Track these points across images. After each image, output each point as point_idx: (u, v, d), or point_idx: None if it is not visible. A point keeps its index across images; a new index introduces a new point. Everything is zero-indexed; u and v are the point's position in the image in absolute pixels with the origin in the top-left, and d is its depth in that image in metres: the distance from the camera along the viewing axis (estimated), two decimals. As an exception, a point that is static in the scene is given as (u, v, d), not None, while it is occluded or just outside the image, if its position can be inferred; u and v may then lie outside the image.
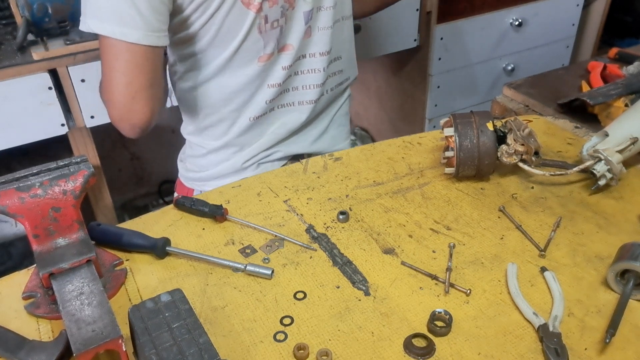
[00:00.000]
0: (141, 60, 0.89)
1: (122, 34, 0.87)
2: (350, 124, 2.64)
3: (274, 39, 1.01)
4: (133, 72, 0.90)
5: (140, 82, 0.91)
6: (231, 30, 0.97)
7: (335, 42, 1.10)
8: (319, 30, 1.06)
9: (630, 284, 0.70)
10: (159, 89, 0.96)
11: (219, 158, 1.12)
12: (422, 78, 1.99)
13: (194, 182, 1.17)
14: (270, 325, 0.69)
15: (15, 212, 0.69)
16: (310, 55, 1.08)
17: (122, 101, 0.92)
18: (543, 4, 2.04)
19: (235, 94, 1.05)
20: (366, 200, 0.92)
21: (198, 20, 0.95)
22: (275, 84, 1.06)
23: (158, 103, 0.96)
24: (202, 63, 1.02)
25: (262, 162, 1.13)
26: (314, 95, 1.11)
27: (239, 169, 1.12)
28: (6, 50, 1.39)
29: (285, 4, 0.99)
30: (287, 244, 0.83)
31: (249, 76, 1.03)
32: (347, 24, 1.13)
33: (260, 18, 0.97)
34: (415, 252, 0.80)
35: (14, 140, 1.41)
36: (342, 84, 1.19)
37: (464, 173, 0.93)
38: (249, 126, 1.09)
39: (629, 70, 1.24)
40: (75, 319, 0.63)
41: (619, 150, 0.89)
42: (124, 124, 0.95)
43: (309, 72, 1.09)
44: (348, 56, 1.17)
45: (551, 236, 0.82)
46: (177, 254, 0.81)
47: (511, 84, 1.30)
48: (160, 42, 0.91)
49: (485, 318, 0.70)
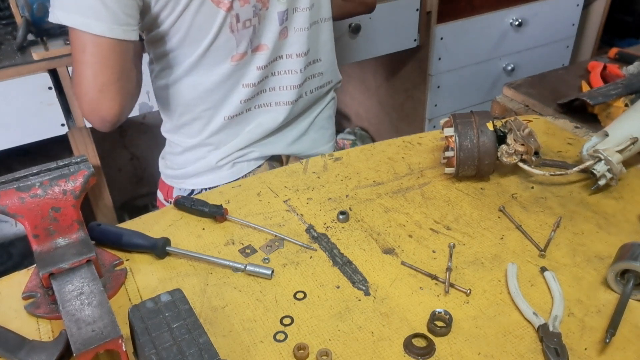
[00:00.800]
0: (107, 53, 0.89)
1: (87, 26, 0.86)
2: (349, 124, 2.64)
3: (246, 38, 1.00)
4: (99, 65, 0.89)
5: (107, 75, 0.90)
6: (202, 28, 0.96)
7: (313, 43, 1.10)
8: (295, 31, 1.06)
9: (630, 284, 0.70)
10: (129, 82, 0.95)
11: (195, 156, 1.12)
12: (422, 78, 1.99)
13: (173, 179, 1.17)
14: (270, 325, 0.69)
15: (15, 212, 0.69)
16: (287, 56, 1.07)
17: (90, 94, 0.92)
18: (543, 4, 2.04)
19: (208, 93, 1.04)
20: (366, 200, 0.92)
21: (168, 18, 0.95)
22: (250, 84, 1.05)
23: (128, 97, 0.95)
24: (175, 61, 1.02)
25: (237, 162, 1.13)
26: (291, 96, 1.11)
27: (214, 167, 1.11)
28: (6, 50, 1.39)
29: (258, 4, 0.98)
30: (287, 244, 0.83)
31: (222, 75, 1.02)
32: (325, 26, 1.12)
33: (231, 17, 0.96)
34: (415, 252, 0.80)
35: (14, 140, 1.41)
36: (323, 87, 1.18)
37: (464, 173, 0.93)
38: (224, 125, 1.08)
39: (629, 70, 1.24)
40: (75, 319, 0.63)
41: (619, 150, 0.89)
42: (93, 117, 0.95)
43: (286, 72, 1.09)
44: (329, 59, 1.16)
45: (551, 236, 0.82)
46: (177, 254, 0.81)
47: (511, 84, 1.30)
48: (127, 35, 0.90)
49: (485, 318, 0.70)
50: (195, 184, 1.14)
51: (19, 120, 1.38)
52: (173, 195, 1.17)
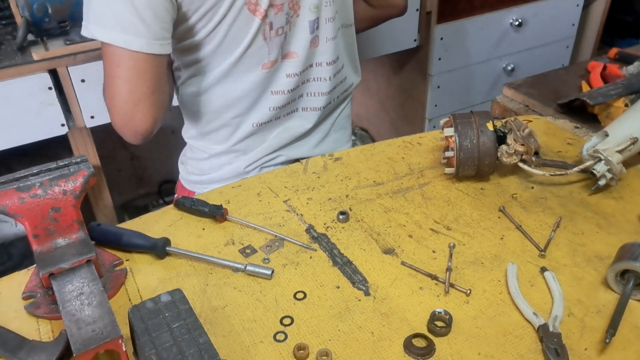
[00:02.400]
0: (144, 68, 0.89)
1: (125, 42, 0.86)
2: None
3: (277, 45, 1.01)
4: (136, 79, 0.90)
5: (143, 89, 0.91)
6: (237, 37, 0.97)
7: (340, 51, 1.11)
8: (327, 40, 1.06)
9: (630, 284, 0.70)
10: (163, 95, 0.96)
11: (221, 162, 1.12)
12: (422, 78, 1.99)
13: (195, 184, 1.17)
14: (270, 325, 0.69)
15: (15, 212, 0.69)
16: (317, 64, 1.08)
17: (125, 108, 0.92)
18: (543, 4, 2.04)
19: (238, 100, 1.05)
20: (366, 200, 0.92)
21: (204, 28, 0.95)
22: (280, 91, 1.06)
23: (162, 110, 0.96)
24: (206, 69, 1.02)
25: (265, 166, 1.13)
26: (321, 102, 1.12)
27: (241, 173, 1.12)
28: (6, 50, 1.39)
29: (290, 11, 0.99)
30: (287, 244, 0.83)
31: (252, 82, 1.03)
32: (348, 32, 1.13)
33: (265, 24, 0.97)
34: (415, 252, 0.80)
35: (14, 140, 1.41)
36: (347, 91, 1.20)
37: (464, 173, 0.93)
38: (252, 132, 1.09)
39: (629, 70, 1.24)
40: (75, 319, 0.63)
41: (619, 150, 0.89)
42: (126, 130, 0.95)
43: (315, 80, 1.10)
44: (350, 62, 1.17)
45: (551, 236, 0.82)
46: (177, 254, 0.81)
47: (511, 84, 1.30)
48: (164, 50, 0.90)
49: (485, 318, 0.70)
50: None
51: (19, 120, 1.38)
52: None
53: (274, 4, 0.96)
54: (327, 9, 1.04)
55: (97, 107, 1.43)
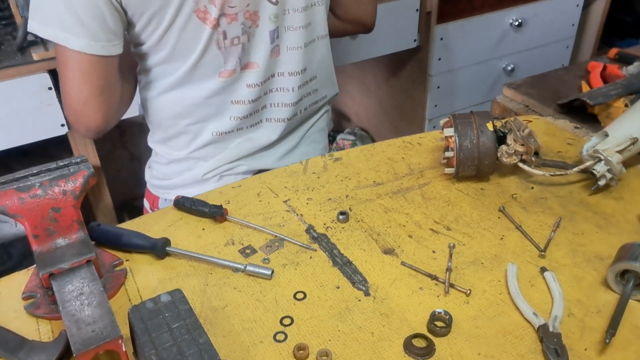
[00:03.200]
0: (88, 69, 0.89)
1: (65, 40, 0.86)
2: (349, 124, 2.64)
3: (235, 55, 0.99)
4: (81, 80, 0.90)
5: (89, 90, 0.91)
6: (188, 45, 0.95)
7: (310, 62, 1.08)
8: (288, 50, 1.04)
9: (630, 284, 0.70)
10: (112, 95, 0.95)
11: (182, 168, 1.11)
12: (422, 78, 1.99)
13: (159, 189, 1.16)
14: (270, 325, 0.69)
15: (15, 213, 0.69)
16: (279, 74, 1.06)
17: (73, 106, 0.93)
18: (543, 4, 2.04)
19: (195, 108, 1.03)
20: (366, 201, 0.92)
21: (153, 34, 0.94)
22: (241, 101, 1.04)
23: (112, 109, 0.96)
24: (162, 76, 1.01)
25: (224, 175, 1.11)
26: (286, 114, 1.09)
27: (199, 180, 1.10)
28: (6, 50, 1.39)
29: (247, 21, 0.97)
30: (287, 244, 0.83)
31: (209, 91, 1.01)
32: (322, 44, 1.10)
33: (218, 34, 0.95)
34: (415, 253, 0.80)
35: (14, 140, 1.41)
36: (317, 103, 1.17)
37: (464, 173, 0.93)
38: (213, 140, 1.07)
39: (629, 70, 1.24)
40: (75, 319, 0.63)
41: (618, 150, 0.89)
42: (78, 125, 0.97)
43: (279, 90, 1.07)
44: (324, 75, 1.15)
45: (551, 236, 0.82)
46: (177, 254, 0.81)
47: (511, 84, 1.30)
48: (107, 51, 0.89)
49: (485, 318, 0.70)
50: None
51: (19, 120, 1.38)
52: (159, 206, 1.16)
53: (226, 14, 0.93)
54: (288, 17, 1.01)
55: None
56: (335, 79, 1.21)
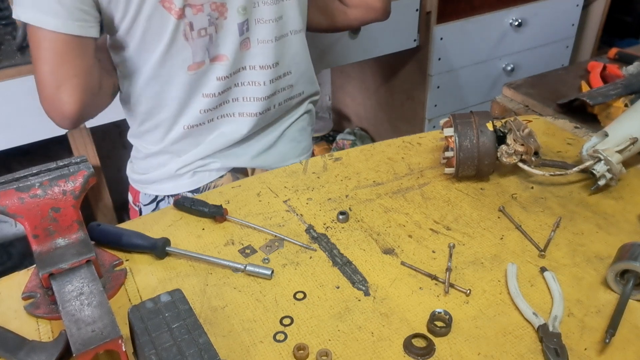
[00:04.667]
0: (63, 49, 0.88)
1: (41, 21, 0.86)
2: (349, 124, 2.63)
3: (202, 47, 0.98)
4: (55, 60, 0.89)
5: (64, 71, 0.89)
6: (156, 35, 0.95)
7: (282, 56, 1.07)
8: (258, 42, 1.03)
9: (630, 284, 0.70)
10: (89, 78, 0.94)
11: (157, 162, 1.11)
12: (422, 78, 1.99)
13: (138, 184, 1.16)
14: (270, 325, 0.69)
15: (15, 213, 0.69)
16: (250, 67, 1.05)
17: (47, 90, 0.91)
18: (543, 4, 2.04)
19: (168, 101, 1.03)
20: (366, 201, 0.92)
21: (122, 23, 0.94)
22: (211, 94, 1.03)
23: (88, 93, 0.94)
24: (134, 68, 1.01)
25: (198, 171, 1.10)
26: (257, 108, 1.08)
27: (173, 175, 1.10)
28: (6, 50, 1.39)
29: (214, 13, 0.96)
30: (287, 244, 0.83)
31: (180, 84, 1.01)
32: (296, 39, 1.08)
33: (184, 24, 0.95)
34: (415, 252, 0.80)
35: (14, 140, 1.41)
36: (293, 99, 1.15)
37: (463, 173, 0.93)
38: (185, 134, 1.06)
39: (629, 70, 1.24)
40: (75, 319, 0.63)
41: (618, 150, 0.89)
42: (53, 113, 0.94)
43: (250, 84, 1.06)
44: (300, 71, 1.13)
45: (551, 236, 0.82)
46: (176, 254, 0.81)
47: (511, 84, 1.31)
48: (83, 31, 0.89)
49: (485, 318, 0.70)
50: (157, 190, 1.12)
51: (19, 120, 1.38)
52: (140, 200, 1.16)
53: (191, 4, 0.93)
54: (257, 9, 1.00)
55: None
56: (314, 77, 1.19)
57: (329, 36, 1.71)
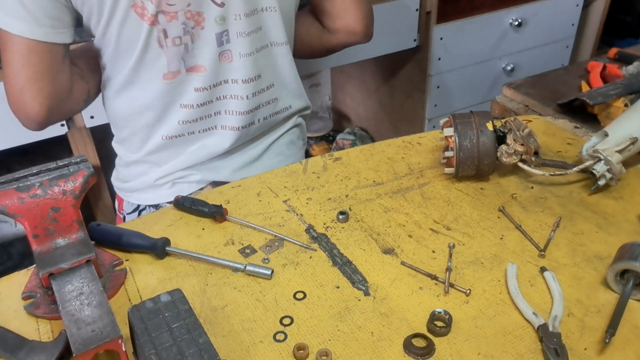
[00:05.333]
0: (26, 54, 0.89)
1: (6, 24, 0.87)
2: (349, 124, 2.63)
3: (177, 56, 0.97)
4: (19, 64, 0.90)
5: (27, 75, 0.90)
6: (129, 41, 0.95)
7: (264, 68, 1.05)
8: (240, 56, 1.01)
9: (630, 284, 0.70)
10: (55, 83, 0.94)
11: (138, 171, 1.10)
12: (421, 78, 1.99)
13: (121, 191, 1.15)
14: (270, 325, 0.69)
15: (15, 212, 0.69)
16: (232, 81, 1.03)
17: (11, 91, 0.93)
18: (543, 4, 2.04)
19: (144, 109, 1.02)
20: (366, 200, 0.92)
21: (97, 26, 0.94)
22: (189, 105, 1.02)
23: (53, 98, 0.94)
24: (111, 74, 1.01)
25: (177, 182, 1.09)
26: (239, 122, 1.06)
27: (152, 185, 1.08)
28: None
29: (189, 22, 0.95)
30: (287, 244, 0.83)
31: (156, 92, 1.00)
32: (279, 51, 1.06)
33: (158, 31, 0.94)
34: (415, 252, 0.80)
35: (14, 140, 1.41)
36: (280, 114, 1.12)
37: (463, 173, 0.93)
38: (164, 145, 1.05)
39: (629, 70, 1.24)
40: (75, 319, 0.63)
41: (618, 150, 0.89)
42: (19, 114, 0.96)
43: (232, 97, 1.04)
44: (284, 84, 1.10)
45: (551, 236, 0.82)
46: (176, 254, 0.81)
47: (511, 84, 1.31)
48: (49, 38, 0.89)
49: (485, 318, 0.70)
50: (138, 199, 1.11)
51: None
52: (124, 208, 1.15)
53: (164, 11, 0.92)
54: (238, 22, 0.98)
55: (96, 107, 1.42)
56: (303, 91, 1.16)
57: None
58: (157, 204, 1.09)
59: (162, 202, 1.08)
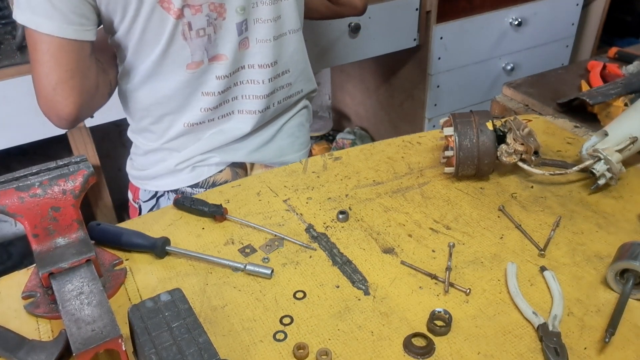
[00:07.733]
0: (57, 52, 0.89)
1: (36, 25, 0.87)
2: (349, 124, 2.64)
3: (201, 47, 0.99)
4: (50, 63, 0.90)
5: (59, 74, 0.90)
6: (155, 35, 0.96)
7: (281, 55, 1.09)
8: (257, 42, 1.04)
9: (630, 284, 0.70)
10: (85, 81, 0.94)
11: (156, 158, 1.12)
12: (421, 78, 1.99)
13: (138, 180, 1.16)
14: (270, 324, 0.70)
15: (15, 212, 0.69)
16: (249, 66, 1.06)
17: (43, 92, 0.93)
18: (543, 4, 2.04)
19: (166, 99, 1.04)
20: (366, 200, 0.92)
21: (121, 24, 0.94)
22: (211, 93, 1.04)
23: (85, 95, 0.95)
24: (133, 66, 1.02)
25: (197, 166, 1.11)
26: (258, 106, 1.09)
27: (173, 170, 1.10)
28: (6, 50, 1.39)
29: (212, 13, 0.97)
30: (287, 244, 0.83)
31: (179, 82, 1.02)
32: (293, 38, 1.10)
33: (183, 24, 0.96)
34: (415, 252, 0.80)
35: (14, 140, 1.41)
36: (292, 97, 1.16)
37: (463, 172, 0.93)
38: (185, 131, 1.07)
39: (629, 69, 1.24)
40: (75, 318, 0.63)
41: (618, 149, 0.89)
42: (50, 114, 0.96)
43: (250, 82, 1.07)
44: (298, 69, 1.15)
45: (551, 235, 0.82)
46: (176, 254, 0.81)
47: (511, 83, 1.31)
48: (78, 35, 0.89)
49: (484, 317, 0.70)
50: (157, 186, 1.13)
51: (19, 120, 1.38)
52: (140, 197, 1.16)
53: (189, 4, 0.94)
54: (256, 10, 1.01)
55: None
56: (311, 74, 1.21)
57: (328, 35, 1.72)
58: (176, 188, 1.11)
59: (183, 187, 1.10)
